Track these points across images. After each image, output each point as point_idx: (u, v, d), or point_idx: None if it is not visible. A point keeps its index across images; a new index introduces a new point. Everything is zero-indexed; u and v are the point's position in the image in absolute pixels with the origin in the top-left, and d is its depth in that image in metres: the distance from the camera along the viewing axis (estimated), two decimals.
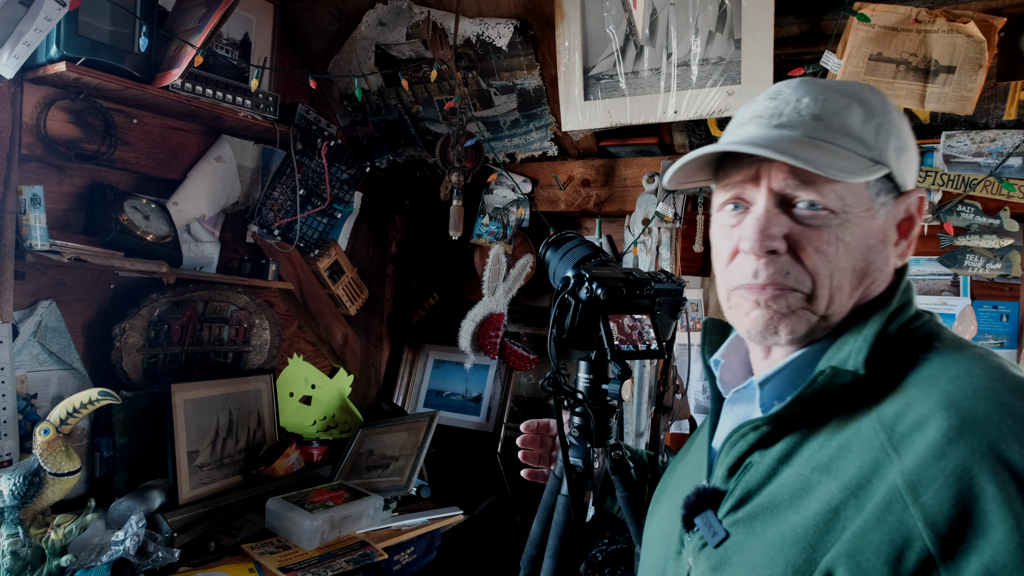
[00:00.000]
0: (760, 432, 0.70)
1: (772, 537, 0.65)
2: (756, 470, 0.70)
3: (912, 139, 0.75)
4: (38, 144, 1.66)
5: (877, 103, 0.73)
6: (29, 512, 1.45)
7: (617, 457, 1.09)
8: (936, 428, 0.58)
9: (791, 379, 0.73)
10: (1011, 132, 1.67)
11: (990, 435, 0.56)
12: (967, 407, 0.58)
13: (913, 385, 0.63)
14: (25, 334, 1.68)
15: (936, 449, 0.57)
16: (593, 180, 2.25)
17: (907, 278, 0.75)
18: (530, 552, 1.13)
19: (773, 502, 0.67)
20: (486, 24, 2.01)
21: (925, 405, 0.60)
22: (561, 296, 1.05)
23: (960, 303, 1.82)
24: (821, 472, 0.64)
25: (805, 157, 0.66)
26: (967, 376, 0.61)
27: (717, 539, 0.70)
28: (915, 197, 0.75)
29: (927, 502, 0.56)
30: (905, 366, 0.66)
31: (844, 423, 0.66)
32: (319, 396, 2.44)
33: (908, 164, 0.74)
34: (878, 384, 0.66)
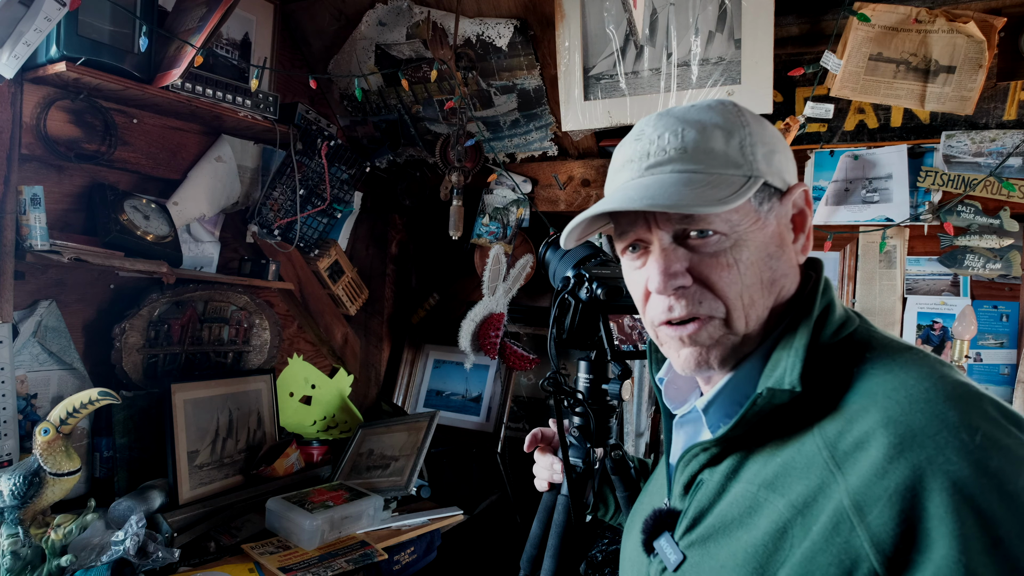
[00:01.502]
0: (709, 453, 0.72)
1: (724, 557, 0.66)
2: (707, 488, 0.72)
3: (778, 137, 0.76)
4: (38, 144, 1.66)
5: (732, 119, 0.73)
6: (29, 512, 1.45)
7: (617, 457, 1.09)
8: (877, 446, 0.58)
9: (734, 396, 0.74)
10: (1011, 132, 1.67)
11: (928, 449, 0.56)
12: (905, 422, 0.58)
13: (852, 401, 0.63)
14: (25, 334, 1.68)
15: (879, 468, 0.57)
16: (593, 180, 2.25)
17: (824, 276, 0.75)
18: (530, 552, 1.13)
19: (724, 521, 0.68)
20: (486, 24, 2.01)
21: (865, 422, 0.60)
22: (561, 296, 1.05)
23: (960, 303, 1.82)
24: (767, 489, 0.65)
25: (676, 200, 0.68)
26: (903, 388, 0.61)
27: (676, 563, 0.71)
28: (799, 192, 0.75)
29: (872, 522, 0.56)
30: (843, 379, 0.66)
31: (787, 439, 0.66)
32: (319, 396, 2.44)
33: (781, 164, 0.74)
34: (817, 397, 0.66)
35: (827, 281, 0.75)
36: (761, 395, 0.66)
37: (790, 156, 0.77)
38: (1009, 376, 1.79)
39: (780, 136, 0.76)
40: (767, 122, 0.77)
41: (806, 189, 0.76)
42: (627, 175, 0.76)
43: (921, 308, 1.87)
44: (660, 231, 0.73)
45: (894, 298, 1.87)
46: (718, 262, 0.71)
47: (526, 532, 1.15)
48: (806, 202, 0.76)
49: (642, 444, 2.14)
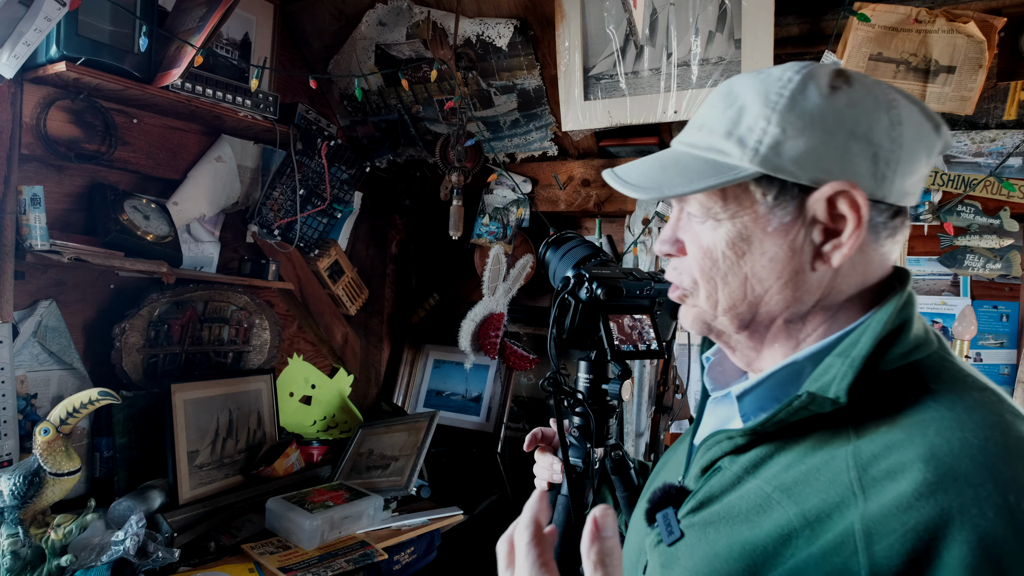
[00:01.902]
0: (734, 443, 0.69)
1: (720, 547, 0.64)
2: (723, 475, 0.70)
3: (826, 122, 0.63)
4: (38, 144, 1.66)
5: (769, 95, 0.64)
6: (29, 512, 1.45)
7: (617, 457, 1.09)
8: (910, 480, 0.54)
9: (773, 391, 0.71)
10: (1011, 132, 1.67)
11: (965, 498, 0.51)
12: (949, 464, 0.53)
13: (899, 427, 0.58)
14: (25, 334, 1.68)
15: (903, 502, 0.53)
16: (593, 180, 2.25)
17: (907, 290, 0.66)
18: None
19: (730, 512, 0.66)
20: (486, 24, 2.01)
21: (905, 453, 0.56)
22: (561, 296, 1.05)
23: (960, 303, 1.82)
24: (783, 493, 0.62)
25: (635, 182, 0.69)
26: (959, 429, 0.55)
27: (672, 538, 0.71)
28: (833, 191, 0.62)
29: (878, 552, 0.53)
30: (896, 403, 0.60)
31: (818, 447, 0.62)
32: (319, 396, 2.44)
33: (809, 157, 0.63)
34: (864, 413, 0.61)
35: (911, 296, 0.67)
36: (800, 397, 0.61)
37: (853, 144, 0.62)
38: (1009, 376, 1.79)
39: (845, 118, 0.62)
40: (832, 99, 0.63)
41: (843, 191, 0.62)
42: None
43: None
44: (672, 201, 0.75)
45: None
46: (699, 240, 0.70)
47: None
48: (851, 206, 0.62)
49: (642, 444, 2.14)
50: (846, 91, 0.63)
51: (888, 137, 0.63)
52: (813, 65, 0.66)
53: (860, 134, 0.62)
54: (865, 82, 0.65)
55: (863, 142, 0.62)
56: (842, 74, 0.65)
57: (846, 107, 0.63)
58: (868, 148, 0.62)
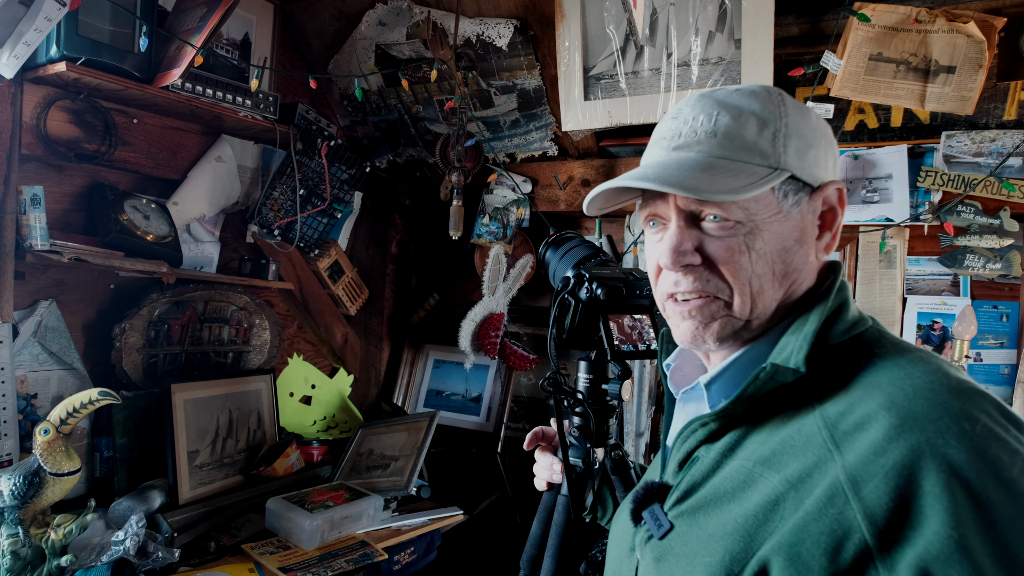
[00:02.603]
0: (708, 428, 0.74)
1: (713, 527, 0.68)
2: (702, 464, 0.73)
3: (819, 132, 0.76)
4: (38, 144, 1.66)
5: (771, 108, 0.74)
6: (29, 512, 1.45)
7: (617, 457, 1.09)
8: (878, 427, 0.60)
9: (736, 378, 0.76)
10: (1011, 132, 1.67)
11: (928, 432, 0.58)
12: (907, 407, 0.60)
13: (856, 387, 0.65)
14: (25, 334, 1.68)
15: (877, 446, 0.59)
16: (593, 180, 2.25)
17: (841, 277, 0.76)
18: (530, 552, 1.13)
19: (716, 494, 0.69)
20: (486, 24, 2.01)
21: (868, 406, 0.62)
22: (561, 296, 1.05)
23: (960, 303, 1.82)
24: (763, 466, 0.67)
25: (689, 184, 0.70)
26: (907, 379, 0.63)
27: (662, 531, 0.74)
28: (832, 189, 0.76)
29: (867, 496, 0.58)
30: (848, 369, 0.68)
31: (787, 419, 0.68)
32: (319, 396, 2.44)
33: (816, 160, 0.75)
34: (821, 384, 0.68)
35: (844, 282, 0.76)
36: (764, 370, 0.68)
37: (831, 152, 0.77)
38: (1009, 376, 1.79)
39: (823, 130, 0.76)
40: (812, 114, 0.76)
41: (840, 188, 0.76)
42: (656, 152, 0.79)
43: (921, 308, 1.87)
44: (677, 210, 0.76)
45: (894, 298, 1.87)
46: (728, 246, 0.73)
47: (526, 532, 1.15)
48: (839, 201, 0.76)
49: (642, 444, 2.14)
50: (809, 109, 0.77)
51: (834, 145, 0.78)
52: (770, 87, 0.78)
53: (829, 143, 0.77)
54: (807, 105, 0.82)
55: (831, 149, 0.77)
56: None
57: (818, 120, 0.77)
58: (833, 153, 0.77)
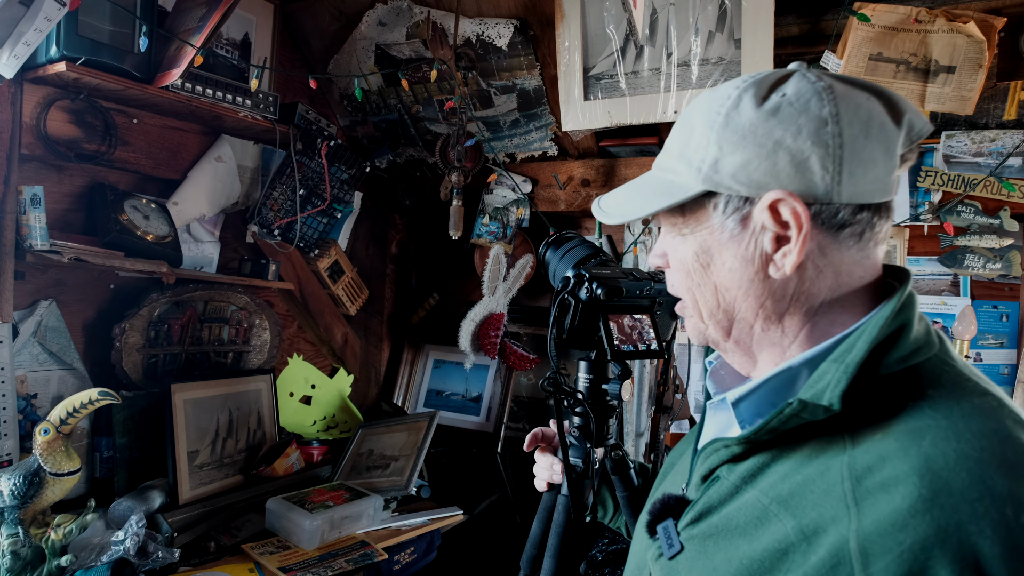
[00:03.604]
0: (731, 451, 0.69)
1: (719, 561, 0.64)
2: (721, 485, 0.69)
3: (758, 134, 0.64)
4: (38, 144, 1.66)
5: (711, 112, 0.67)
6: (29, 512, 1.45)
7: (617, 457, 1.09)
8: (904, 495, 0.52)
9: (768, 397, 0.70)
10: (1011, 132, 1.67)
11: (961, 515, 0.50)
12: (944, 478, 0.52)
13: (893, 436, 0.57)
14: (25, 334, 1.68)
15: (899, 519, 0.52)
16: (593, 180, 2.25)
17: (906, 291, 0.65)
18: (530, 552, 1.13)
19: (728, 525, 0.66)
20: (486, 24, 2.01)
21: (900, 465, 0.54)
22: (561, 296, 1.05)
23: (960, 303, 1.82)
24: (780, 505, 0.61)
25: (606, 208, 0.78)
26: (954, 439, 0.54)
27: (672, 551, 0.71)
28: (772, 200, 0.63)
29: (875, 573, 0.52)
30: (892, 410, 0.59)
31: (816, 454, 0.61)
32: (319, 396, 2.44)
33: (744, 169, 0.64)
34: (861, 420, 0.60)
35: (910, 297, 0.66)
36: (791, 405, 0.61)
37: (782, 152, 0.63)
38: (1009, 376, 1.79)
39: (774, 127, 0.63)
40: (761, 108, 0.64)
41: (776, 200, 0.63)
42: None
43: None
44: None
45: None
46: (672, 255, 0.76)
47: (526, 532, 1.15)
48: (791, 213, 0.63)
49: (642, 444, 2.14)
50: (776, 100, 0.64)
51: (820, 137, 0.62)
52: (759, 76, 0.68)
53: (788, 142, 0.63)
54: (802, 85, 0.64)
55: (791, 150, 0.63)
56: (782, 81, 0.66)
57: (772, 116, 0.63)
58: (799, 154, 0.62)
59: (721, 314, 0.72)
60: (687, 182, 0.68)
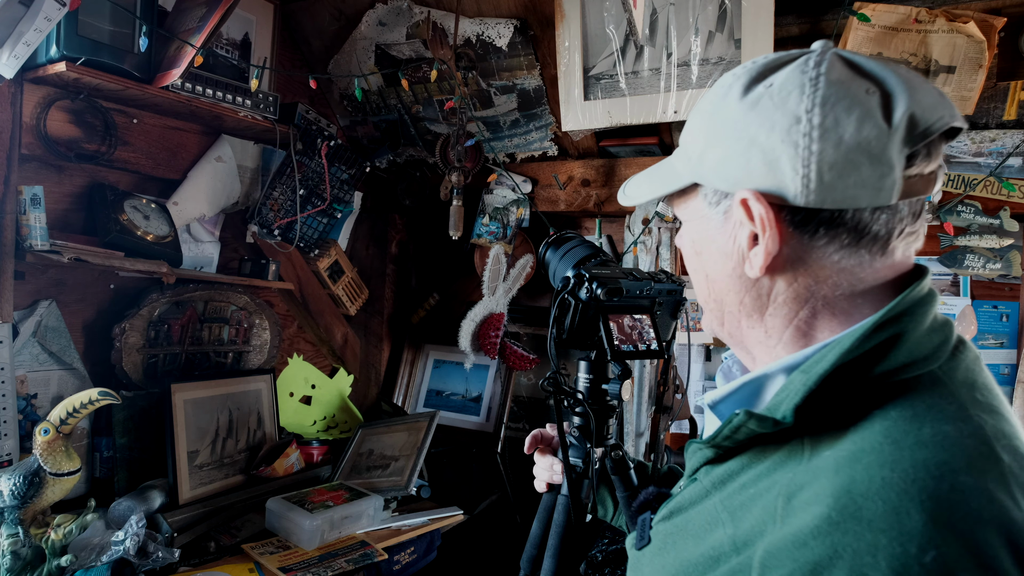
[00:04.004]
0: (704, 454, 0.69)
1: (670, 560, 0.67)
2: (696, 487, 0.69)
3: (734, 129, 0.62)
4: (38, 144, 1.66)
5: (706, 105, 0.66)
6: (29, 512, 1.45)
7: (617, 457, 1.09)
8: (814, 515, 0.50)
9: (740, 404, 0.69)
10: (1011, 132, 1.67)
11: (861, 542, 0.47)
12: (858, 503, 0.49)
13: (835, 456, 0.54)
14: (25, 334, 1.68)
15: (800, 537, 0.50)
16: (593, 180, 2.25)
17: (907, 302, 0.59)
18: (530, 552, 1.13)
19: (687, 527, 0.67)
20: (486, 24, 2.01)
21: (825, 485, 0.52)
22: (561, 296, 1.05)
23: (960, 303, 1.82)
24: (728, 513, 0.61)
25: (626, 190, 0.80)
26: (889, 467, 0.50)
27: (641, 543, 0.74)
28: (741, 197, 0.62)
29: None
30: (851, 425, 0.56)
31: (776, 467, 0.59)
32: (319, 396, 2.44)
33: (719, 165, 0.63)
34: (823, 433, 0.58)
35: (912, 307, 0.59)
36: (738, 415, 0.60)
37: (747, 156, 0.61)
38: (1009, 376, 1.79)
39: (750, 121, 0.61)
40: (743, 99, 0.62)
41: (743, 199, 0.62)
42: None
43: None
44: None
45: None
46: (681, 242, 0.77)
47: (526, 532, 1.15)
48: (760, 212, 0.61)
49: (642, 444, 2.14)
50: (759, 91, 0.61)
51: (791, 136, 0.58)
52: (764, 60, 0.64)
53: (761, 139, 0.60)
54: (792, 75, 0.60)
55: (763, 147, 0.60)
56: (778, 67, 0.62)
57: (750, 111, 0.61)
58: (770, 152, 0.59)
59: (713, 303, 0.73)
60: (683, 171, 0.70)
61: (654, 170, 0.78)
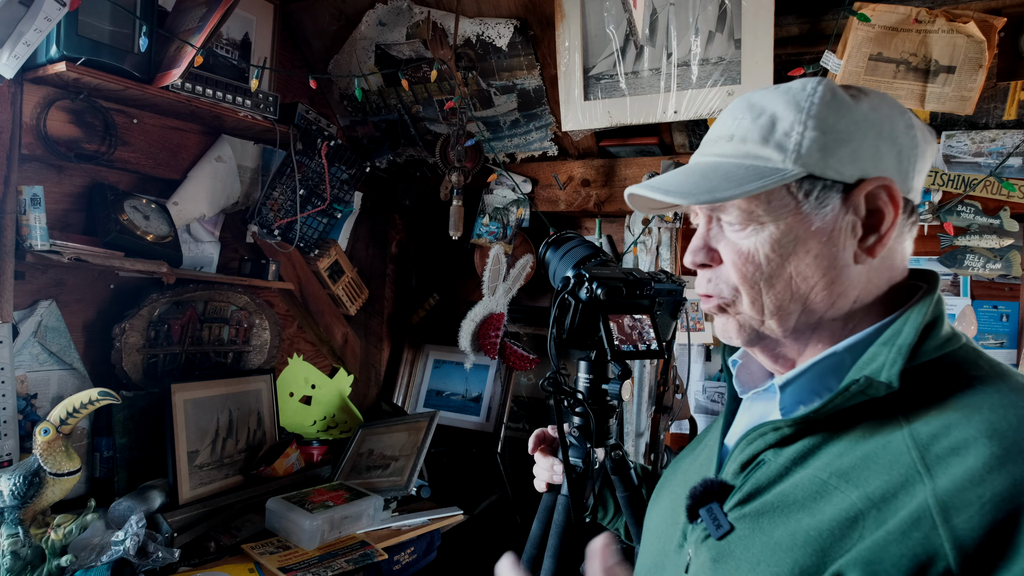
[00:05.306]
0: (780, 433, 0.70)
1: (780, 536, 0.65)
2: (768, 468, 0.70)
3: (864, 126, 0.69)
4: (38, 144, 1.66)
5: (797, 104, 0.70)
6: (29, 512, 1.45)
7: (617, 457, 1.09)
8: (977, 455, 0.57)
9: (813, 384, 0.73)
10: (1011, 132, 1.67)
11: None
12: (1012, 438, 0.57)
13: (952, 409, 0.62)
14: (25, 334, 1.68)
15: (975, 476, 0.56)
16: (593, 180, 2.25)
17: (938, 291, 0.72)
18: (530, 552, 1.13)
19: (785, 501, 0.67)
20: (486, 24, 2.01)
21: (965, 431, 0.59)
22: (561, 296, 1.05)
23: (960, 303, 1.82)
24: (840, 479, 0.64)
25: (675, 188, 0.72)
26: (1011, 407, 0.60)
27: (721, 531, 0.71)
28: (870, 188, 0.68)
29: (958, 525, 0.55)
30: (945, 388, 0.64)
31: (870, 433, 0.65)
32: (319, 396, 2.44)
33: (855, 156, 0.69)
34: (911, 400, 0.64)
35: (940, 296, 0.72)
36: (857, 382, 0.64)
37: (883, 144, 0.69)
38: None
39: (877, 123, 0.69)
40: (857, 105, 0.70)
41: (885, 185, 0.68)
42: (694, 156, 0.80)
43: None
44: (699, 211, 0.77)
45: None
46: (735, 247, 0.73)
47: (526, 532, 1.15)
48: (890, 199, 0.69)
49: (642, 444, 2.14)
50: (865, 98, 0.70)
51: (907, 137, 0.70)
52: (826, 79, 0.72)
53: (886, 134, 0.69)
54: (875, 92, 0.71)
55: (889, 142, 0.69)
56: (853, 86, 0.72)
57: (871, 111, 0.69)
58: (894, 147, 0.69)
59: (793, 306, 0.71)
60: (780, 166, 0.69)
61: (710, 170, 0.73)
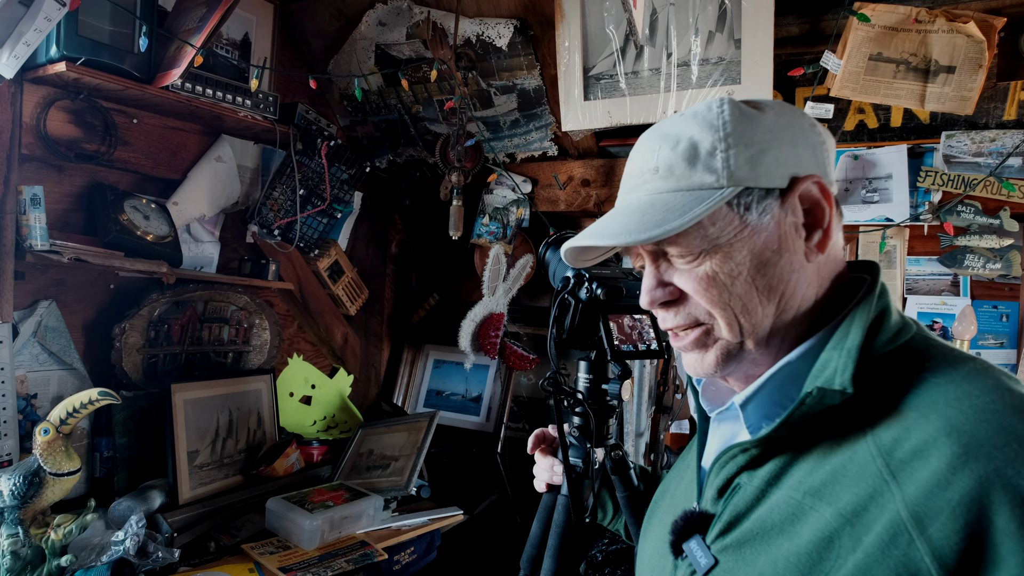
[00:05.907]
0: (749, 455, 0.69)
1: (763, 565, 0.64)
2: (744, 492, 0.69)
3: (777, 131, 0.70)
4: (38, 144, 1.66)
5: (710, 125, 0.70)
6: (29, 512, 1.45)
7: (617, 457, 1.09)
8: (939, 456, 0.56)
9: (773, 396, 0.72)
10: (1011, 132, 1.67)
11: (996, 461, 0.54)
12: (970, 432, 0.56)
13: (909, 409, 0.61)
14: (25, 334, 1.68)
15: (940, 478, 0.55)
16: (593, 180, 2.25)
17: (880, 281, 0.71)
18: (530, 552, 1.13)
19: (763, 527, 0.65)
20: (486, 24, 2.01)
21: (925, 430, 0.58)
22: (561, 296, 1.05)
23: (960, 303, 1.82)
24: (813, 497, 0.62)
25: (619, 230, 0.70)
26: (967, 398, 0.59)
27: (706, 566, 0.69)
28: (804, 186, 0.69)
29: (934, 535, 0.54)
30: (899, 386, 0.63)
31: (836, 445, 0.63)
32: (319, 396, 2.44)
33: (780, 160, 0.69)
34: (870, 404, 0.63)
35: (884, 285, 0.71)
36: (811, 395, 0.63)
37: (803, 145, 0.71)
38: None
39: (787, 126, 0.71)
40: (767, 114, 0.71)
41: (817, 181, 0.70)
42: (618, 197, 0.80)
43: (921, 308, 1.87)
44: (645, 253, 0.75)
45: (894, 298, 1.87)
46: (696, 277, 0.71)
47: (526, 532, 1.15)
48: (822, 193, 0.70)
49: (642, 444, 2.14)
50: (768, 108, 0.72)
51: (813, 134, 0.73)
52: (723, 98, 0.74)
53: (798, 136, 0.71)
54: (770, 100, 0.74)
55: (803, 142, 0.71)
56: (749, 100, 0.74)
57: (777, 117, 0.71)
58: (807, 146, 0.72)
59: (765, 318, 0.70)
60: (716, 186, 0.68)
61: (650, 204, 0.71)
